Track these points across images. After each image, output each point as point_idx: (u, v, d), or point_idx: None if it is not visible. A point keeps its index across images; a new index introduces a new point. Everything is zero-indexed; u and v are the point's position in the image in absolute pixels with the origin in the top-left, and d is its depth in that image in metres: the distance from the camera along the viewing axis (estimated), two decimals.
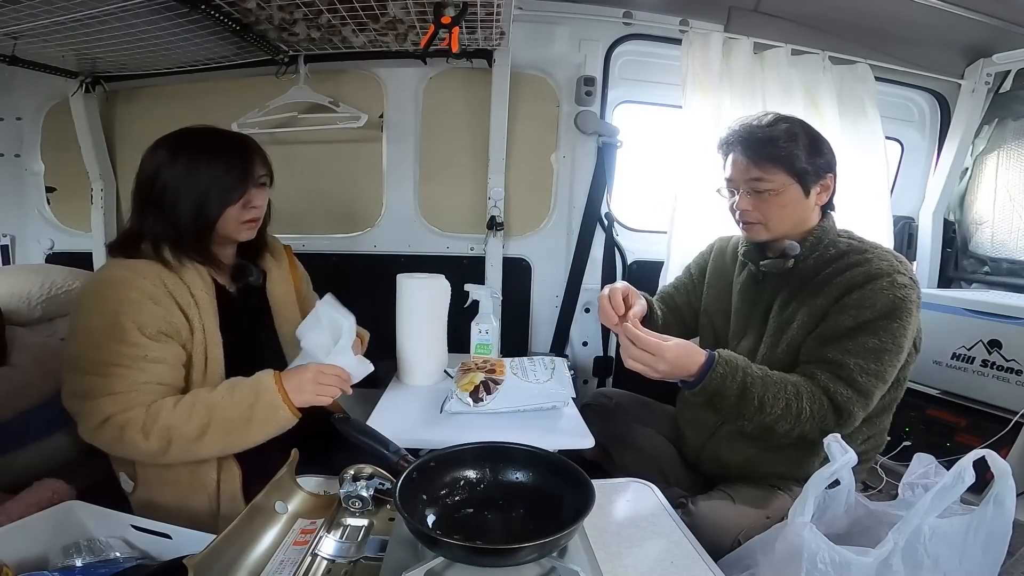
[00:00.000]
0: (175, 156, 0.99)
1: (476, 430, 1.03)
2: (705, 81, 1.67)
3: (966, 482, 0.73)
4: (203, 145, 1.02)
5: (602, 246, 1.89)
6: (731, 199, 1.12)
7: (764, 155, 1.05)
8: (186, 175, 0.98)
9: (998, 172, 1.83)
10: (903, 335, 0.99)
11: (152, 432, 0.88)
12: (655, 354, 0.93)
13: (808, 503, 0.76)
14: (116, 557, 0.75)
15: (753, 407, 0.95)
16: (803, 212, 1.08)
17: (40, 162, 1.94)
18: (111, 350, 0.89)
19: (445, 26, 1.22)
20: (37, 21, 1.21)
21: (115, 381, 0.89)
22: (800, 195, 1.07)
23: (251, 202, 1.03)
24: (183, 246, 0.99)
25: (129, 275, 0.93)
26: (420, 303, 1.31)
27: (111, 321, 0.90)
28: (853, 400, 0.97)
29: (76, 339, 0.93)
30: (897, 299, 0.98)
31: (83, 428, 0.91)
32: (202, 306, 0.99)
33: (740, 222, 1.12)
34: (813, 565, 0.72)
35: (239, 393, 0.93)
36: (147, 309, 0.92)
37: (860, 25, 1.72)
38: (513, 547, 0.55)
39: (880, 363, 0.98)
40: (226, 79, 1.79)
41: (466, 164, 1.85)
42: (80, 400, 0.90)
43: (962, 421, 1.49)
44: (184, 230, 0.98)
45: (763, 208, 1.07)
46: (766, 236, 1.10)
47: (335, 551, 0.70)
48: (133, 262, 0.96)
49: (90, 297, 0.94)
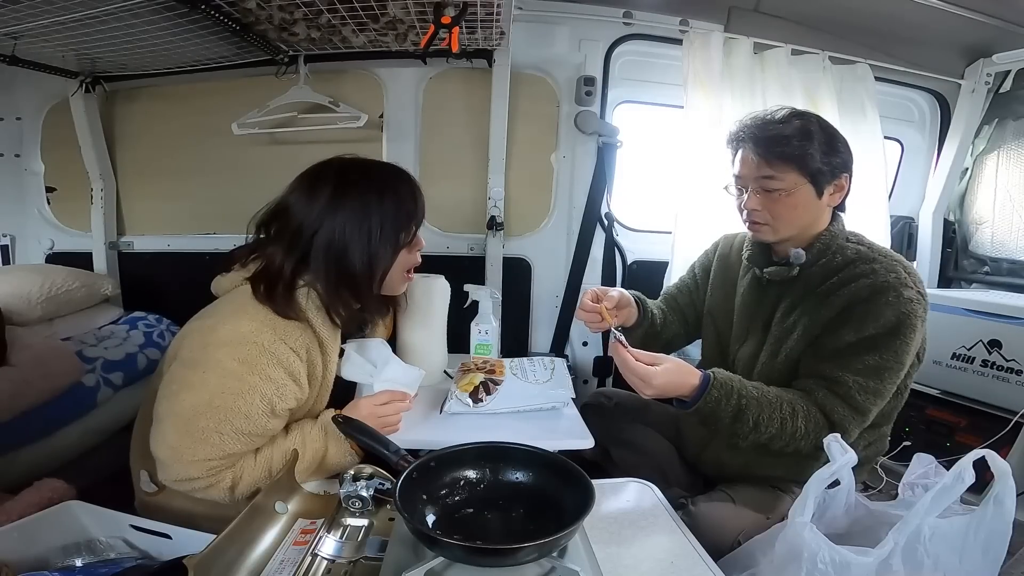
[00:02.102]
0: (347, 187, 0.89)
1: (476, 430, 1.03)
2: (706, 81, 1.67)
3: (966, 482, 0.73)
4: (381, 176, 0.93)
5: (602, 246, 1.89)
6: (739, 197, 1.07)
7: (776, 153, 0.99)
8: (363, 212, 0.88)
9: (998, 172, 1.83)
10: (906, 351, 0.96)
11: (238, 490, 0.85)
12: (643, 379, 0.91)
13: (808, 503, 0.76)
14: (116, 557, 0.75)
15: (748, 427, 0.95)
16: (814, 214, 1.04)
17: (40, 162, 1.94)
18: (229, 422, 0.82)
19: (445, 26, 1.22)
20: (37, 21, 1.21)
21: (214, 451, 0.82)
22: (812, 196, 1.01)
23: (419, 245, 0.97)
24: (338, 296, 0.89)
25: (279, 346, 0.84)
26: (420, 303, 1.31)
27: (246, 394, 0.82)
28: (849, 419, 0.95)
29: (198, 392, 0.82)
30: (902, 315, 0.94)
31: (164, 476, 0.85)
32: (328, 366, 0.93)
33: (747, 221, 1.07)
34: (813, 565, 0.72)
35: (311, 443, 0.90)
36: (286, 391, 0.86)
37: (860, 25, 1.72)
38: (513, 547, 0.55)
39: (880, 381, 0.96)
40: (226, 79, 1.79)
41: (466, 164, 1.85)
42: (171, 451, 0.83)
43: (962, 421, 1.49)
44: (350, 276, 0.88)
45: (772, 208, 1.02)
46: (773, 238, 1.06)
47: (335, 551, 0.70)
48: (283, 323, 0.85)
49: (231, 354, 0.83)
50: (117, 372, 1.53)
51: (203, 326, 0.87)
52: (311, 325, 0.88)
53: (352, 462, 0.92)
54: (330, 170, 0.92)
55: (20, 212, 1.96)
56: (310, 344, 0.89)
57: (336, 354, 0.94)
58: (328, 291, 0.89)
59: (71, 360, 1.45)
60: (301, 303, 0.88)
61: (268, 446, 0.89)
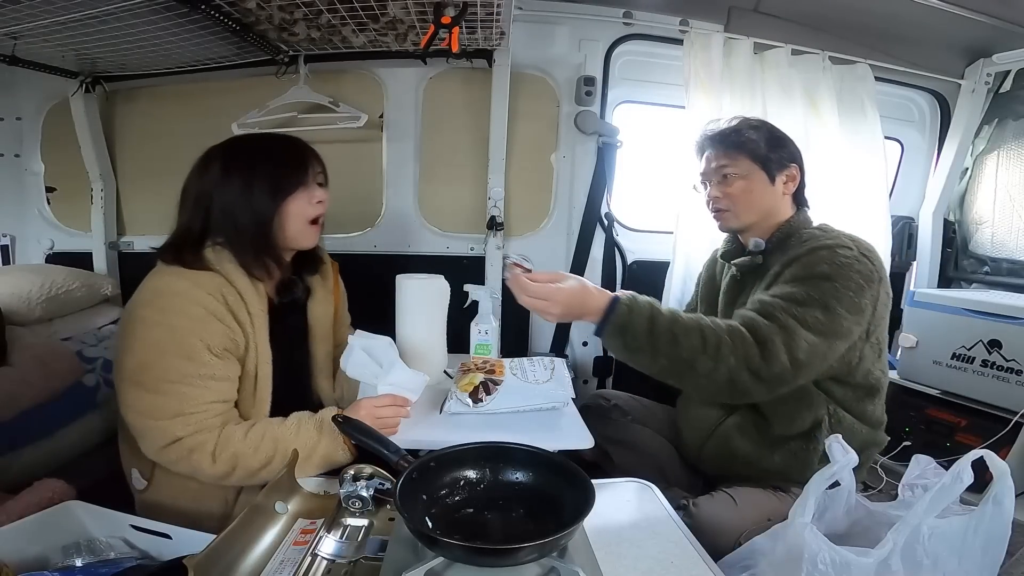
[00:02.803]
0: (233, 155, 0.99)
1: (476, 430, 1.03)
2: (706, 81, 1.67)
3: (964, 482, 0.73)
4: (260, 142, 1.02)
5: (602, 246, 1.89)
6: (705, 192, 1.20)
7: (729, 144, 1.14)
8: (242, 173, 0.96)
9: (998, 172, 1.83)
10: (835, 296, 0.97)
11: (220, 458, 0.88)
12: (546, 299, 0.94)
13: (808, 504, 0.76)
14: (116, 557, 0.75)
15: (666, 340, 0.93)
16: (771, 200, 1.14)
17: (40, 162, 1.94)
18: (176, 368, 0.87)
19: (445, 26, 1.22)
20: (37, 21, 1.21)
21: (183, 402, 0.87)
22: (765, 181, 1.13)
23: (315, 196, 1.01)
24: (244, 251, 0.96)
25: (191, 288, 0.90)
26: (420, 303, 1.31)
27: (175, 337, 0.88)
28: (774, 330, 0.95)
29: (135, 351, 0.89)
30: (835, 265, 0.99)
31: (148, 446, 0.90)
32: (256, 322, 0.97)
33: (713, 211, 1.19)
34: (814, 566, 0.72)
35: (304, 432, 0.93)
36: (212, 326, 0.90)
37: (860, 25, 1.72)
38: (513, 547, 0.55)
39: (804, 309, 0.96)
40: (226, 79, 1.79)
41: (466, 164, 1.85)
42: (146, 418, 0.88)
43: (962, 421, 1.49)
44: (245, 231, 0.96)
45: (730, 193, 1.14)
46: (736, 224, 1.16)
47: (335, 551, 0.70)
48: (193, 273, 0.93)
49: (150, 307, 0.90)
50: None
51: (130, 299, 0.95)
52: (223, 275, 0.94)
53: (346, 458, 0.93)
54: (217, 148, 1.02)
55: (20, 212, 1.96)
56: (223, 287, 0.93)
57: (260, 307, 0.98)
58: (234, 249, 0.96)
59: (71, 360, 1.45)
60: (211, 258, 0.95)
61: (260, 426, 0.92)
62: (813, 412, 1.08)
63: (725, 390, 0.96)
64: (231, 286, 0.94)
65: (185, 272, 0.93)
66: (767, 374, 0.93)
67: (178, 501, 0.95)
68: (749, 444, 1.13)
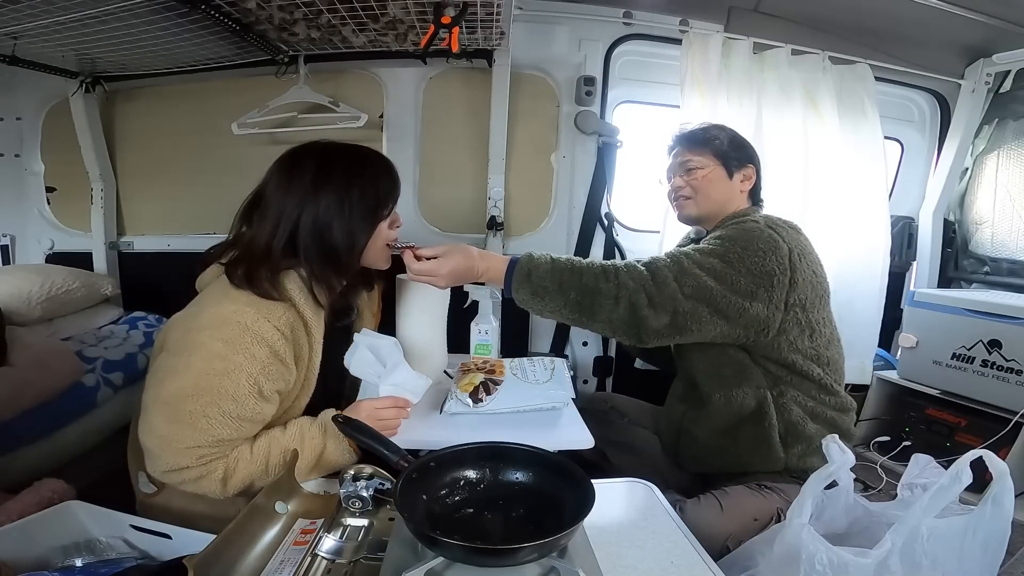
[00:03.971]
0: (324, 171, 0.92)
1: (476, 430, 1.03)
2: (704, 81, 1.67)
3: (963, 482, 0.73)
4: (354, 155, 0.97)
5: (602, 246, 1.89)
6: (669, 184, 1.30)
7: (695, 140, 1.25)
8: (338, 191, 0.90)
9: (998, 172, 1.83)
10: (735, 253, 1.05)
11: (231, 483, 0.84)
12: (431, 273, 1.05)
13: (806, 504, 0.76)
14: (116, 557, 0.76)
15: (569, 272, 1.03)
16: (727, 193, 1.23)
17: (40, 162, 1.94)
18: (216, 406, 0.81)
19: (445, 26, 1.22)
20: (37, 21, 1.21)
21: (203, 437, 0.81)
22: (723, 176, 1.22)
23: (397, 220, 1.00)
24: (325, 273, 0.91)
25: (263, 323, 0.84)
26: (420, 303, 1.31)
27: (232, 375, 0.82)
28: (669, 265, 1.05)
29: (184, 377, 0.82)
30: (740, 230, 1.10)
31: (154, 467, 0.85)
32: (314, 348, 0.92)
33: (674, 200, 1.28)
34: (811, 567, 0.72)
35: (309, 440, 0.90)
36: (272, 370, 0.85)
37: (860, 25, 1.72)
38: (513, 547, 0.55)
39: (702, 256, 1.06)
40: (226, 79, 1.79)
41: (466, 164, 1.85)
42: (162, 443, 0.82)
43: (962, 421, 1.49)
44: (335, 252, 0.90)
45: (692, 183, 1.23)
46: (694, 211, 1.24)
47: (335, 551, 0.70)
48: (267, 305, 0.86)
49: (213, 337, 0.83)
50: (117, 372, 1.53)
51: (186, 314, 0.89)
52: (294, 305, 0.89)
53: (351, 460, 0.92)
54: (308, 154, 0.95)
55: (20, 212, 1.96)
56: (294, 323, 0.88)
57: (320, 335, 0.93)
58: (313, 270, 0.91)
59: (71, 360, 1.45)
60: (284, 284, 0.89)
61: (265, 441, 0.88)
62: (753, 390, 1.12)
63: (626, 318, 1.03)
64: (302, 321, 0.89)
65: (258, 302, 0.85)
66: (659, 299, 1.02)
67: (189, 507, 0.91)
68: (708, 434, 1.18)
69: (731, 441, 1.15)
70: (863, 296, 1.78)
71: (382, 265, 1.02)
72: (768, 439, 1.11)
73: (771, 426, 1.11)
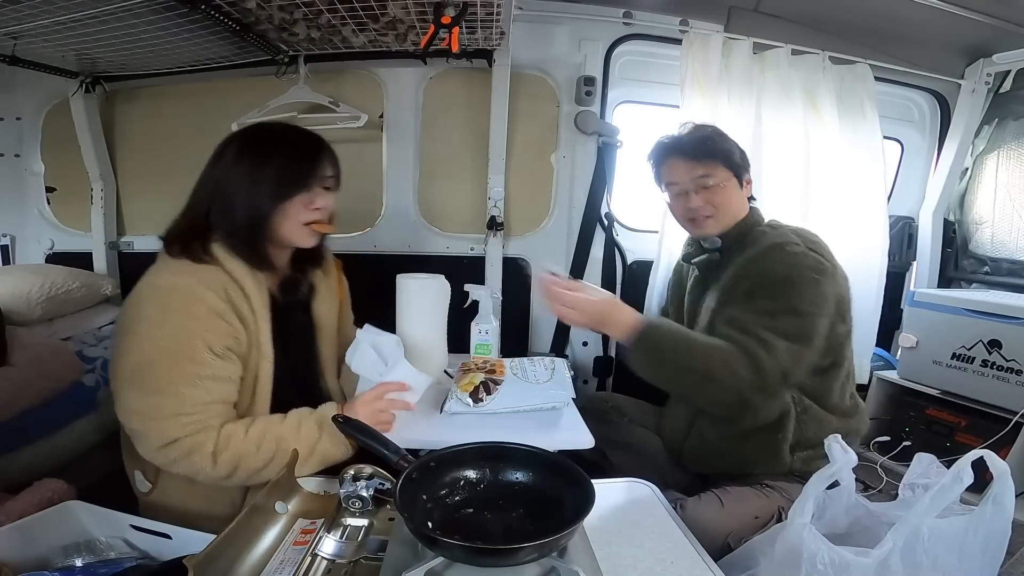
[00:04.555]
0: (245, 145, 0.97)
1: (476, 430, 1.03)
2: (704, 81, 1.67)
3: (964, 482, 0.73)
4: (273, 135, 1.00)
5: (602, 246, 1.89)
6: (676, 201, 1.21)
7: (704, 152, 1.16)
8: (250, 163, 0.95)
9: (998, 172, 1.83)
10: (798, 296, 1.03)
11: (221, 459, 0.86)
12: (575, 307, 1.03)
13: (808, 504, 0.76)
14: (116, 557, 0.75)
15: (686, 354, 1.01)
16: (741, 203, 1.19)
17: (40, 162, 1.94)
18: (178, 368, 0.85)
19: (445, 26, 1.22)
20: (37, 21, 1.21)
21: (182, 403, 0.85)
22: (736, 186, 1.17)
23: (314, 203, 0.99)
24: (236, 242, 0.94)
25: (194, 285, 0.89)
26: (420, 303, 1.31)
27: (178, 336, 0.86)
28: (755, 344, 1.00)
29: (134, 351, 0.86)
30: (790, 266, 1.05)
31: (144, 448, 0.88)
32: (259, 319, 0.95)
33: (690, 220, 1.20)
34: (812, 566, 0.72)
35: (305, 429, 0.91)
36: (215, 325, 0.88)
37: (860, 25, 1.72)
38: (513, 547, 0.55)
39: (775, 319, 1.02)
40: (226, 79, 1.79)
41: (466, 164, 1.85)
42: (143, 419, 0.86)
43: (962, 421, 1.49)
44: (239, 223, 0.94)
45: (715, 201, 1.16)
46: (716, 229, 1.18)
47: (335, 551, 0.70)
48: (196, 268, 0.91)
49: (151, 305, 0.88)
50: None
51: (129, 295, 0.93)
52: (226, 270, 0.93)
53: (346, 454, 0.93)
54: (239, 133, 1.01)
55: (20, 212, 1.96)
56: (228, 285, 0.92)
57: (261, 300, 0.96)
58: (229, 241, 0.94)
59: (71, 360, 1.45)
60: (213, 251, 0.94)
61: (261, 424, 0.91)
62: (779, 404, 1.12)
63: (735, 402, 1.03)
64: (235, 282, 0.93)
65: (188, 267, 0.91)
66: (762, 383, 0.99)
67: (185, 503, 0.93)
68: (719, 436, 1.18)
69: (740, 444, 1.15)
70: (862, 296, 1.77)
71: (302, 243, 1.02)
72: (779, 447, 1.12)
73: (784, 438, 1.12)
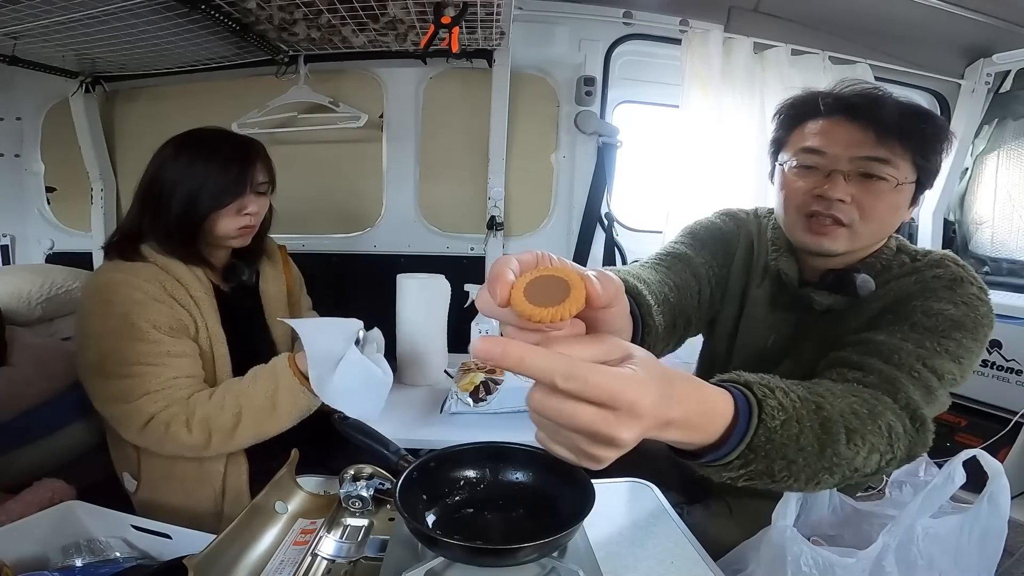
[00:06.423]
0: (178, 153, 1.00)
1: (476, 430, 1.04)
2: (705, 81, 1.67)
3: (956, 482, 0.73)
4: (205, 144, 1.02)
5: (602, 246, 1.89)
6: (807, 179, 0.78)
7: (892, 128, 0.72)
8: (182, 171, 0.98)
9: (998, 172, 1.83)
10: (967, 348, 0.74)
11: (194, 425, 0.90)
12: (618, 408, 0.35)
13: (790, 506, 0.76)
14: (116, 557, 0.76)
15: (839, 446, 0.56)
16: (891, 223, 0.80)
17: (40, 162, 1.94)
18: (133, 350, 0.91)
19: (445, 26, 1.22)
20: (37, 21, 1.21)
21: (148, 380, 0.90)
22: (908, 201, 0.78)
23: (245, 209, 1.02)
24: (170, 245, 0.99)
25: (128, 277, 0.94)
26: (420, 303, 1.31)
27: (124, 322, 0.91)
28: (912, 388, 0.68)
29: (91, 344, 0.94)
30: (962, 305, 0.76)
31: (127, 430, 0.93)
32: (202, 306, 1.00)
33: (808, 215, 0.79)
34: (797, 568, 0.72)
35: (260, 381, 0.95)
36: (154, 307, 0.93)
37: (860, 25, 1.72)
38: (513, 547, 0.55)
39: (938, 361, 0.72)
40: (226, 79, 1.79)
41: (466, 164, 1.85)
42: (117, 404, 0.92)
43: (962, 421, 1.49)
44: (172, 228, 0.98)
45: (869, 203, 0.75)
46: (845, 247, 0.79)
47: (335, 551, 0.70)
48: (130, 264, 0.97)
49: (94, 301, 0.95)
50: None
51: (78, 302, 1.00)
52: (156, 265, 0.98)
53: (310, 400, 0.95)
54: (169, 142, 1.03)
55: (20, 212, 1.96)
56: (161, 277, 0.96)
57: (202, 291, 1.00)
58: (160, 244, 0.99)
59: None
60: (146, 252, 0.99)
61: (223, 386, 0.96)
62: None
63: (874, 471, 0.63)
64: (167, 274, 0.97)
65: (122, 265, 0.97)
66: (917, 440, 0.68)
67: (168, 497, 0.98)
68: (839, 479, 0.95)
69: None
70: None
71: (235, 244, 1.06)
72: None
73: None
